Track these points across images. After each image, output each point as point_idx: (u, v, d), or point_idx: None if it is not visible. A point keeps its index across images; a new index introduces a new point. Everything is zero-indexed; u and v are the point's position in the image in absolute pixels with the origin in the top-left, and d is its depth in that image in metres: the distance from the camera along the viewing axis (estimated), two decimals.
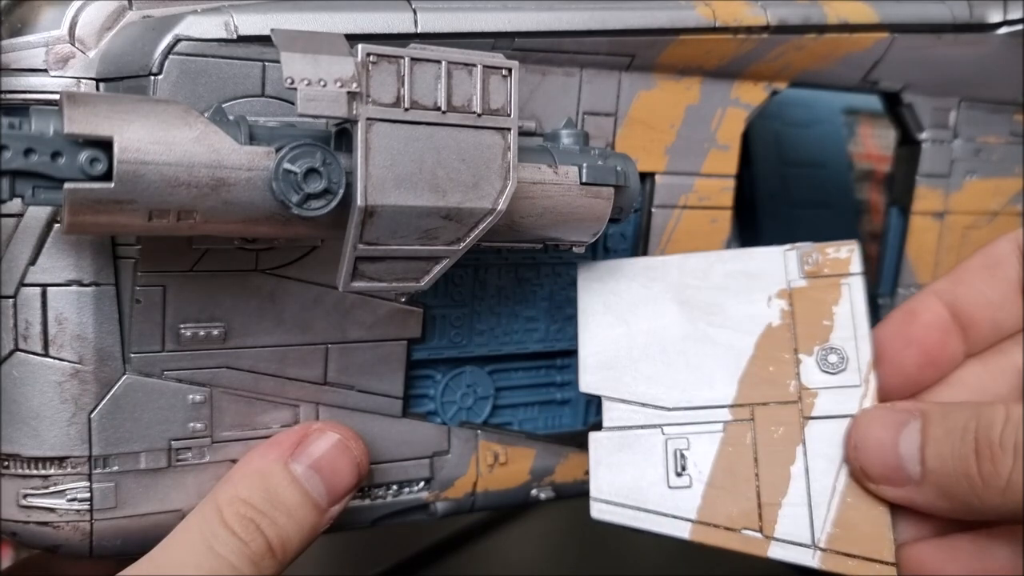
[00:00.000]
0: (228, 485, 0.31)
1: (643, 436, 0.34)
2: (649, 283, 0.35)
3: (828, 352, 0.34)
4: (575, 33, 0.34)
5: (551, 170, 0.31)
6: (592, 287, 0.36)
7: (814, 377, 0.34)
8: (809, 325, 0.34)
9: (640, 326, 0.35)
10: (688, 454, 0.33)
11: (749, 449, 0.33)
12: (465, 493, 0.38)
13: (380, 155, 0.27)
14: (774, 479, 0.33)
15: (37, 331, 0.30)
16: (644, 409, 0.34)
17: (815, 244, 0.35)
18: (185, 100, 0.29)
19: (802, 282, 0.35)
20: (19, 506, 0.31)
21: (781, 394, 0.34)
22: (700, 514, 0.33)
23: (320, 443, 0.32)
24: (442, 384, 0.38)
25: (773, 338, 0.34)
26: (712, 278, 0.35)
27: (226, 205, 0.26)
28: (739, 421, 0.34)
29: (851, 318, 0.34)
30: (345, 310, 0.34)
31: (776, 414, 0.34)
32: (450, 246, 0.29)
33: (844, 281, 0.35)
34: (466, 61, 0.28)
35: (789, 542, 0.32)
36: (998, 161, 0.46)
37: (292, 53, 0.25)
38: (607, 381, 0.34)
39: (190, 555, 0.29)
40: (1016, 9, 0.41)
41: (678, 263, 0.36)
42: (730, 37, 0.36)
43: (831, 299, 0.35)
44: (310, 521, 0.31)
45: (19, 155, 0.24)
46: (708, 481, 0.33)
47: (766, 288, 0.35)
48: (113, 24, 0.29)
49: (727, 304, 0.35)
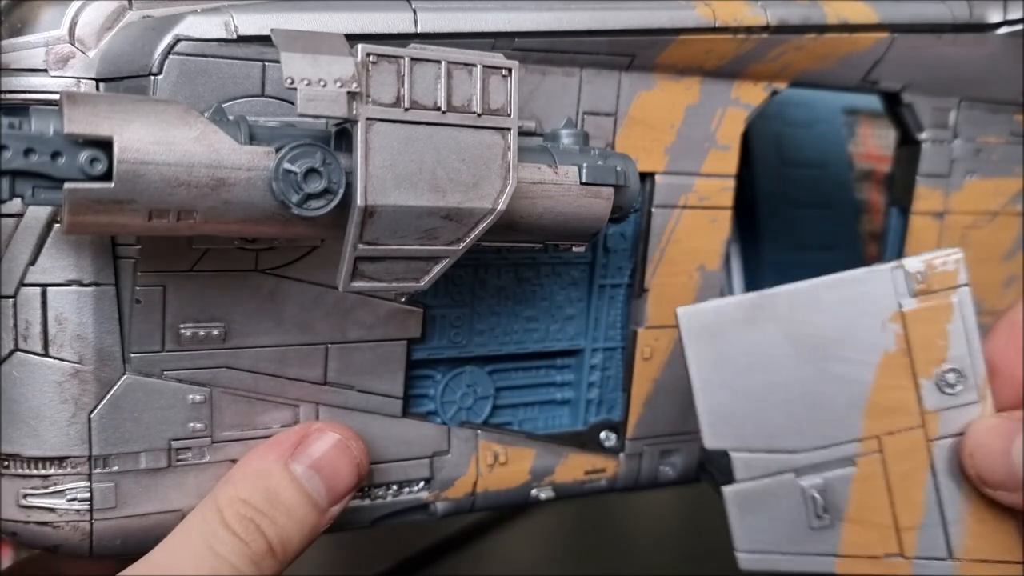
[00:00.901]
0: (228, 485, 0.31)
1: (777, 483, 0.34)
2: (759, 324, 0.35)
3: (947, 373, 0.34)
4: (575, 33, 0.34)
5: (551, 170, 0.31)
6: (699, 335, 0.35)
7: (934, 399, 0.34)
8: (925, 348, 0.34)
9: (757, 372, 0.35)
10: (824, 494, 0.34)
11: (881, 479, 0.34)
12: (465, 493, 0.38)
13: (380, 155, 0.27)
14: (908, 504, 0.34)
15: (37, 331, 0.30)
16: (775, 456, 0.34)
17: (920, 258, 0.35)
18: (185, 100, 0.29)
19: (913, 302, 0.35)
20: (19, 506, 0.31)
21: (906, 421, 0.34)
22: (843, 548, 0.34)
23: (320, 443, 0.32)
24: (442, 384, 0.38)
25: (891, 366, 0.34)
26: (822, 309, 0.35)
27: (226, 205, 0.26)
28: (869, 454, 0.34)
29: (964, 334, 0.35)
30: (345, 310, 0.34)
31: (903, 441, 0.34)
32: (450, 246, 0.29)
33: (953, 296, 0.35)
34: (466, 61, 0.28)
35: (928, 559, 0.34)
36: (998, 161, 0.46)
37: (292, 53, 0.26)
38: (732, 434, 0.34)
39: (190, 555, 0.29)
40: (1016, 9, 0.41)
41: (786, 297, 0.35)
42: (730, 37, 0.36)
43: (943, 317, 0.35)
44: (310, 521, 0.31)
45: (19, 155, 0.24)
46: (846, 516, 0.34)
47: (878, 313, 0.34)
48: (113, 24, 0.29)
49: (842, 336, 0.35)
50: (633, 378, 0.40)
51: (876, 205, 0.60)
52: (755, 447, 0.34)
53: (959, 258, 0.35)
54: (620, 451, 0.41)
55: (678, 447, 0.42)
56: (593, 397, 0.40)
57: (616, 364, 0.41)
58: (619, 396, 0.41)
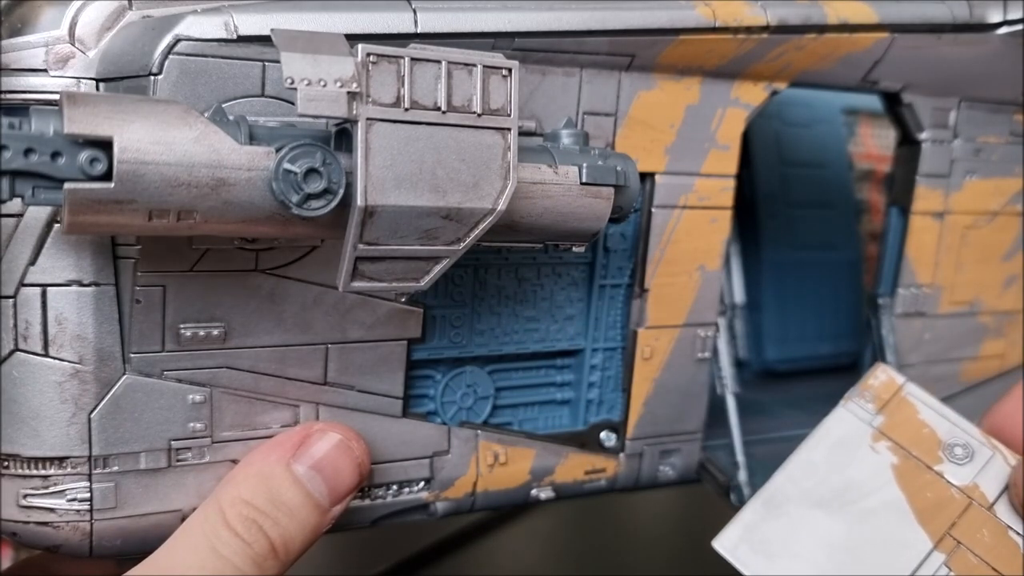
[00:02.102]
0: (230, 486, 0.31)
1: None
2: (781, 512, 0.36)
3: (950, 449, 0.36)
4: (575, 33, 0.34)
5: (551, 170, 0.31)
6: (743, 552, 0.36)
7: (962, 474, 0.36)
8: (918, 443, 0.37)
9: (811, 550, 0.36)
10: None
11: (982, 566, 0.35)
12: (465, 493, 0.38)
13: (380, 155, 0.27)
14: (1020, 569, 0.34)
15: (37, 331, 0.30)
16: None
17: (854, 389, 0.38)
18: (185, 100, 0.29)
19: (880, 418, 0.37)
20: (19, 506, 0.31)
21: (956, 507, 0.35)
22: None
23: (322, 444, 0.33)
24: (442, 384, 0.38)
25: (906, 472, 0.36)
26: (819, 468, 0.37)
27: (226, 205, 0.26)
28: (952, 552, 0.35)
29: (936, 413, 0.37)
30: (345, 310, 0.34)
31: (969, 523, 0.35)
32: (450, 246, 0.29)
33: (905, 394, 0.38)
34: (466, 61, 0.28)
35: None
36: (998, 161, 0.46)
37: (292, 53, 0.26)
38: None
39: (193, 556, 0.29)
40: (1016, 9, 0.41)
41: (785, 479, 0.37)
42: (730, 37, 0.36)
43: (911, 412, 0.37)
44: (312, 521, 0.32)
45: (19, 155, 0.24)
46: None
47: (861, 442, 0.37)
48: (113, 24, 0.29)
49: (850, 477, 0.36)
50: (633, 378, 0.40)
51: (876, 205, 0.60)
52: None
53: (885, 367, 0.38)
54: (620, 451, 0.41)
55: (678, 447, 0.42)
56: (593, 397, 0.40)
57: (616, 364, 0.41)
58: (619, 396, 0.41)
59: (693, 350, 0.41)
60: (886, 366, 0.38)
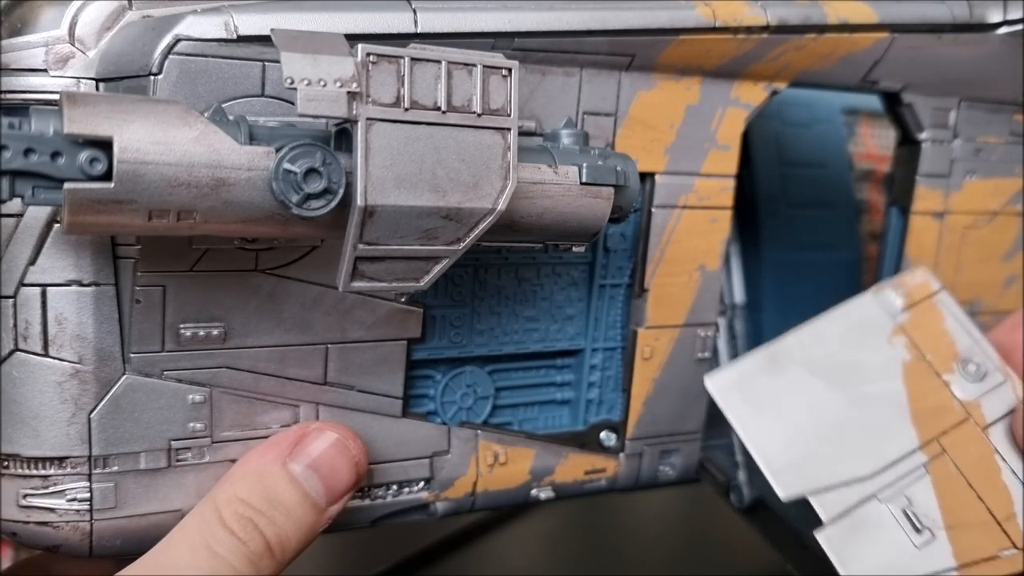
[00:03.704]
0: (226, 485, 0.31)
1: (865, 512, 0.34)
2: (782, 370, 0.36)
3: (964, 364, 0.36)
4: (575, 33, 0.34)
5: (551, 170, 0.31)
6: (733, 397, 0.36)
7: (968, 390, 0.36)
8: (935, 349, 0.36)
9: (800, 414, 0.35)
10: (914, 508, 0.34)
11: (958, 477, 0.35)
12: (465, 493, 0.38)
13: (380, 155, 0.27)
14: (995, 493, 0.34)
15: (37, 331, 0.30)
16: (850, 487, 0.34)
17: (892, 279, 0.37)
18: (185, 100, 0.29)
19: (905, 315, 0.37)
20: (19, 506, 0.31)
21: (953, 417, 0.35)
22: (957, 558, 0.34)
23: (318, 443, 0.32)
24: (442, 384, 0.38)
25: (915, 372, 0.36)
26: (831, 342, 0.36)
27: (226, 205, 0.26)
28: (935, 457, 0.35)
29: (962, 328, 0.37)
30: (345, 310, 0.34)
31: (960, 436, 0.35)
32: (450, 246, 0.29)
33: (936, 300, 0.37)
34: (466, 61, 0.28)
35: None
36: (998, 161, 0.46)
37: (292, 53, 0.26)
38: (802, 478, 0.34)
39: (188, 555, 0.29)
40: (1016, 9, 0.41)
41: (795, 340, 0.37)
42: (730, 37, 0.36)
43: (938, 320, 0.37)
44: (309, 521, 0.31)
45: (19, 155, 0.24)
46: (944, 524, 0.34)
47: (880, 332, 0.36)
48: (113, 24, 0.29)
49: (860, 360, 0.36)
50: (633, 378, 0.40)
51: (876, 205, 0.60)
52: (828, 485, 0.34)
53: (925, 270, 0.38)
54: (620, 451, 0.41)
55: (678, 447, 0.42)
56: (593, 397, 0.40)
57: (616, 364, 0.41)
58: (619, 396, 0.41)
59: (693, 350, 0.41)
60: (927, 269, 0.38)
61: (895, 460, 0.34)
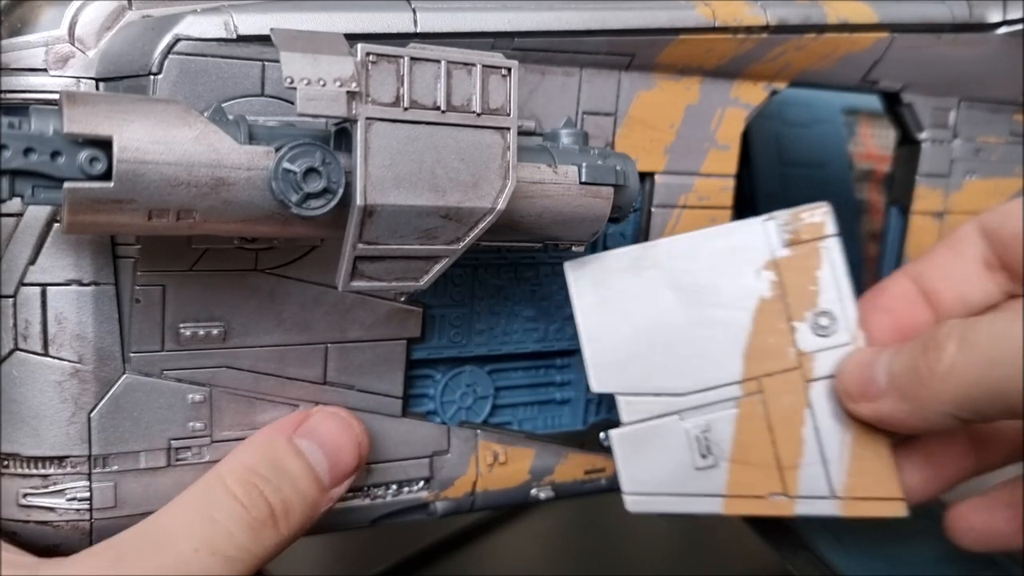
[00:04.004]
0: (230, 457, 0.31)
1: (663, 425, 0.35)
2: (642, 272, 0.36)
3: (819, 316, 0.36)
4: (575, 33, 0.34)
5: (550, 169, 0.31)
6: (585, 284, 0.36)
7: (809, 341, 0.36)
8: (798, 293, 0.36)
9: (640, 318, 0.36)
10: (709, 435, 0.35)
11: (763, 420, 0.35)
12: (465, 493, 0.38)
13: (379, 154, 0.27)
14: (789, 443, 0.35)
15: (37, 331, 0.30)
16: (659, 399, 0.35)
17: (790, 211, 0.36)
18: (185, 100, 0.29)
19: (784, 251, 0.36)
20: (19, 505, 0.31)
21: (783, 363, 0.35)
22: (729, 488, 0.35)
23: (324, 421, 0.33)
24: (442, 384, 0.38)
25: (768, 310, 0.36)
26: (701, 258, 0.36)
27: (226, 204, 0.26)
28: (750, 395, 0.35)
29: (834, 280, 0.36)
30: (345, 310, 0.34)
31: (781, 382, 0.35)
32: (449, 245, 0.29)
33: (822, 245, 0.36)
34: (465, 61, 0.28)
35: (811, 498, 0.35)
36: (998, 161, 0.46)
37: (292, 53, 0.26)
38: (618, 377, 0.35)
39: (185, 521, 0.29)
40: (1016, 9, 0.41)
41: (666, 248, 0.36)
42: (730, 37, 0.36)
43: (813, 264, 0.36)
44: (312, 495, 0.31)
45: (19, 154, 0.24)
46: (731, 457, 0.35)
47: (752, 261, 0.36)
48: (113, 24, 0.29)
49: (719, 283, 0.36)
50: None
51: (876, 205, 0.60)
52: (640, 390, 0.35)
53: (827, 211, 0.36)
54: None
55: None
56: (593, 397, 0.40)
57: None
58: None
59: None
60: (830, 211, 0.36)
61: (712, 387, 0.35)
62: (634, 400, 0.35)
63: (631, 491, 0.35)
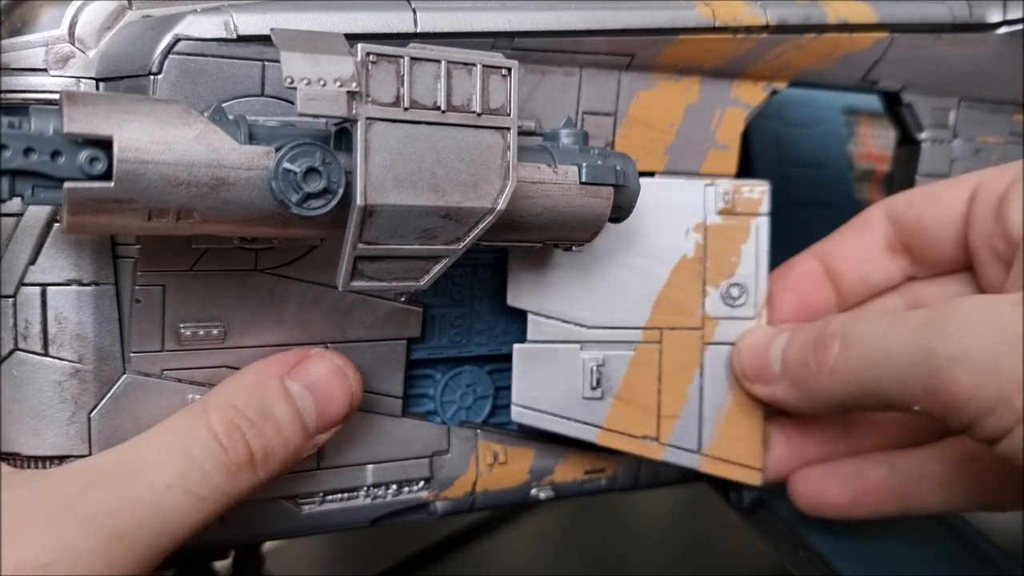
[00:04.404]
0: (218, 391, 0.30)
1: (564, 351, 0.36)
2: None
3: (731, 286, 0.37)
4: (575, 33, 0.34)
5: (551, 169, 0.31)
6: None
7: (717, 308, 0.38)
8: (718, 260, 0.38)
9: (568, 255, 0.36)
10: (603, 370, 0.36)
11: (655, 368, 0.37)
12: (465, 492, 0.38)
13: (380, 154, 0.27)
14: (673, 395, 0.37)
15: (37, 330, 0.30)
16: (567, 326, 0.36)
17: (733, 181, 0.38)
18: (185, 100, 0.29)
19: (717, 218, 0.38)
20: None
21: (688, 321, 0.38)
22: (607, 422, 0.37)
23: (319, 366, 0.32)
24: (442, 384, 0.38)
25: (686, 269, 0.37)
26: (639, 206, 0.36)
27: (226, 204, 0.26)
28: (649, 343, 0.37)
29: (754, 257, 0.38)
30: (344, 309, 0.34)
31: (681, 339, 0.37)
32: (449, 245, 0.29)
33: (753, 221, 0.38)
34: (466, 61, 0.28)
35: (679, 448, 0.38)
36: (998, 161, 0.46)
37: (292, 52, 0.25)
38: (534, 298, 0.36)
39: (163, 454, 0.28)
40: (1016, 9, 0.42)
41: None
42: (729, 37, 0.36)
43: (740, 237, 0.38)
44: (296, 443, 0.31)
45: (19, 154, 0.24)
46: (617, 394, 0.37)
47: (685, 220, 0.37)
48: (113, 24, 0.29)
49: (649, 233, 0.37)
50: None
51: None
52: (552, 314, 0.36)
53: (765, 190, 0.38)
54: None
55: None
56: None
57: None
58: None
59: None
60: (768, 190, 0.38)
61: (617, 326, 0.37)
62: (543, 321, 0.36)
63: (519, 403, 0.36)
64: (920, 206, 0.37)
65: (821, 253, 0.39)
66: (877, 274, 0.38)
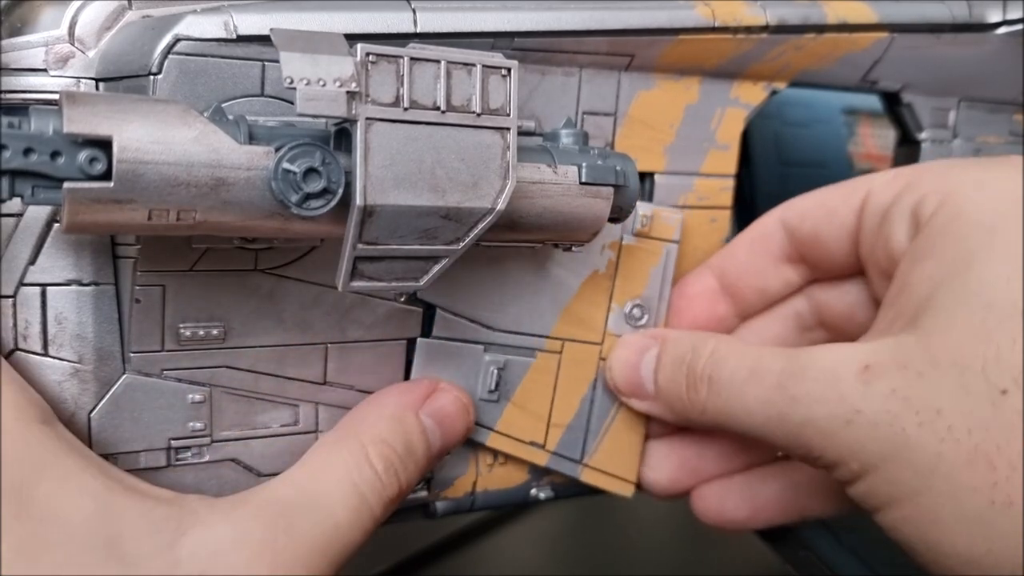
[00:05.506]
0: (368, 426, 0.32)
1: (468, 350, 0.36)
2: None
3: (635, 307, 0.38)
4: (574, 33, 0.34)
5: (550, 170, 0.31)
6: None
7: (619, 325, 0.38)
8: (627, 279, 0.38)
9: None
10: (503, 373, 0.37)
11: (552, 377, 0.38)
12: (465, 492, 0.38)
13: (379, 155, 0.27)
14: (565, 405, 0.38)
15: (37, 330, 0.30)
16: (473, 325, 0.36)
17: (653, 206, 0.38)
18: (185, 100, 0.29)
19: (632, 239, 0.38)
20: None
21: (589, 335, 0.38)
22: (500, 426, 0.37)
23: (447, 400, 0.34)
24: None
25: (596, 284, 0.38)
26: None
27: (225, 204, 0.26)
28: (551, 352, 0.37)
29: (661, 281, 0.38)
30: (344, 310, 0.34)
31: (580, 352, 0.38)
32: (449, 246, 0.29)
33: (665, 247, 0.38)
34: (465, 61, 0.28)
35: (562, 457, 0.38)
36: None
37: (291, 53, 0.25)
38: (444, 293, 0.36)
39: (335, 486, 0.30)
40: (1015, 9, 0.42)
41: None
42: (729, 37, 0.36)
43: (650, 261, 0.38)
44: (421, 475, 0.32)
45: (18, 154, 0.24)
46: (513, 399, 0.37)
47: (603, 236, 0.37)
48: (113, 24, 0.29)
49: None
50: None
51: None
52: (460, 312, 0.36)
53: (679, 219, 0.39)
54: None
55: None
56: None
57: None
58: None
59: None
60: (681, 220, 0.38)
61: (522, 332, 0.37)
62: (451, 318, 0.36)
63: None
64: (813, 218, 0.37)
65: (715, 268, 0.39)
66: (775, 284, 0.39)
